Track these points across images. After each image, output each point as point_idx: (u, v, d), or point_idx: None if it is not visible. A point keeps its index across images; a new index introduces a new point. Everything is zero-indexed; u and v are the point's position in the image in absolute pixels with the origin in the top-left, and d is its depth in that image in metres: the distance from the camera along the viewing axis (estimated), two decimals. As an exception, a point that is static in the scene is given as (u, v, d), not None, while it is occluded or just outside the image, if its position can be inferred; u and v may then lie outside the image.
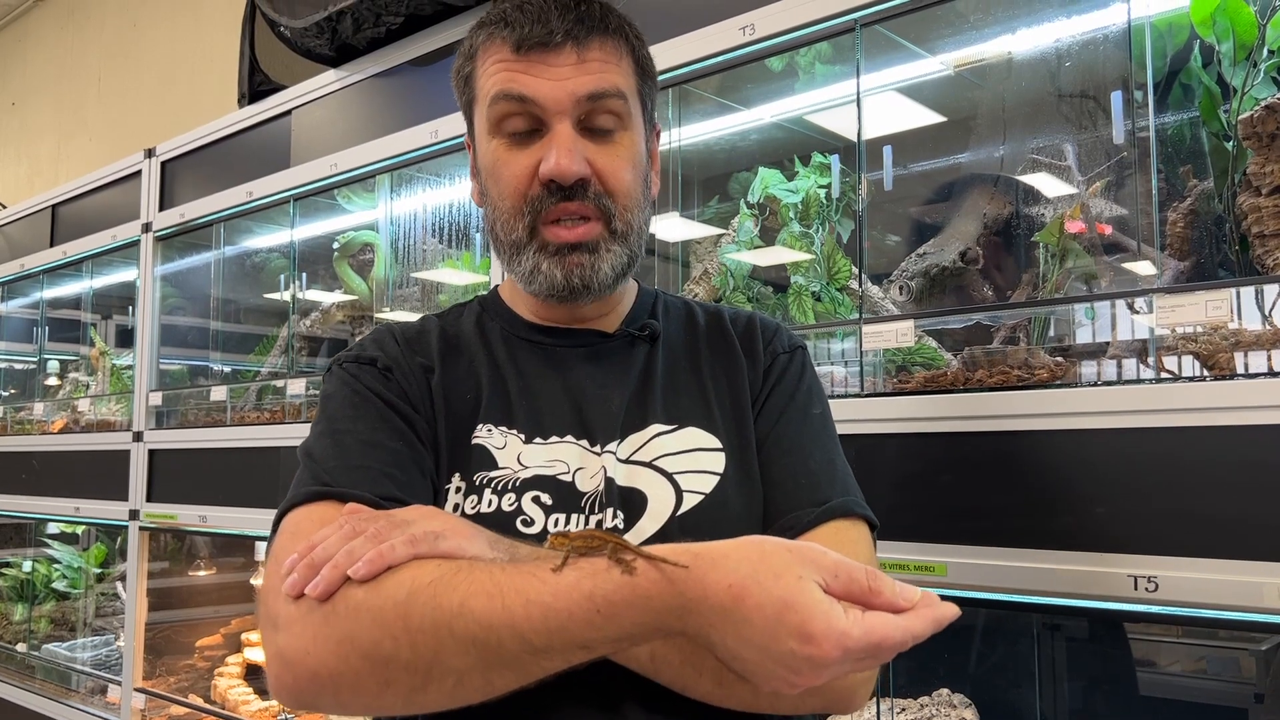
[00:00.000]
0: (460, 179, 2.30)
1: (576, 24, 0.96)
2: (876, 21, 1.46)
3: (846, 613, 0.66)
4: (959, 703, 1.58)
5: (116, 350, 3.39)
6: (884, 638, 0.66)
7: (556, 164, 0.94)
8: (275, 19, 2.31)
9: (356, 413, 0.96)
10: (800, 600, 0.66)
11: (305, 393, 2.37)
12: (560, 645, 0.72)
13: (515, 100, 0.96)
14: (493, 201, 1.01)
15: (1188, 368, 1.23)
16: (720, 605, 0.69)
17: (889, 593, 0.68)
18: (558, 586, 0.72)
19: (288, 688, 0.78)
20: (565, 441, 0.97)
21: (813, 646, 0.65)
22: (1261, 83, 1.24)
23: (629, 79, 1.00)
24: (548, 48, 0.95)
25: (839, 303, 1.66)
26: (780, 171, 1.78)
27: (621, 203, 0.98)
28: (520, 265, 0.99)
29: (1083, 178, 1.44)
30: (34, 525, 3.86)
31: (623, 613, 0.71)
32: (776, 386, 1.04)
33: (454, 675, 0.74)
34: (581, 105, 0.96)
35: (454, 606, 0.73)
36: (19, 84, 5.62)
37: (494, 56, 0.98)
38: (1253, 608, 1.06)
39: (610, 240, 0.98)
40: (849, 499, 0.96)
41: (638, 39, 1.03)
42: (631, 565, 0.71)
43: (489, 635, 0.72)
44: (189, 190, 2.81)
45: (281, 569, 0.80)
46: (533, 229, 0.98)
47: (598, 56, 0.97)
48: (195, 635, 3.00)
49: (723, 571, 0.69)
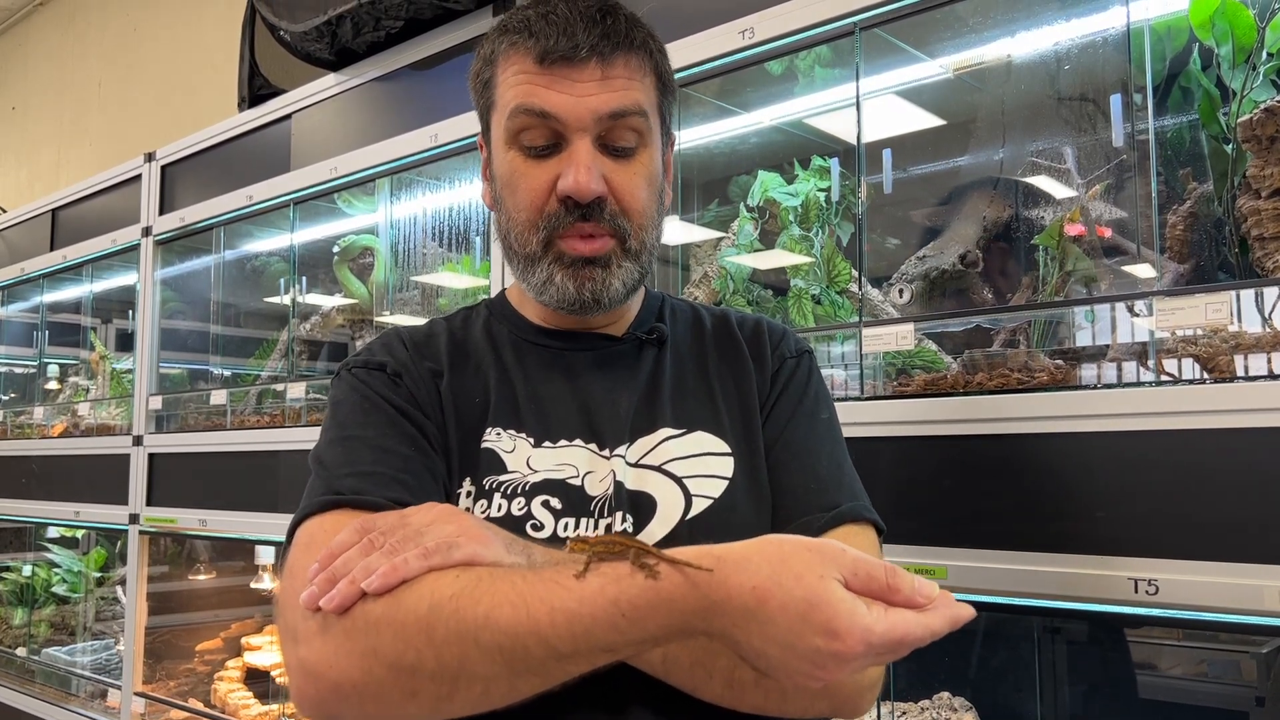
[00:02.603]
0: (460, 183, 2.29)
1: (602, 39, 0.95)
2: (876, 25, 1.46)
3: (869, 609, 0.67)
4: (959, 706, 1.57)
5: (116, 354, 3.39)
6: (905, 633, 0.67)
7: (575, 182, 0.94)
8: (275, 23, 2.31)
9: (367, 419, 0.96)
10: (824, 598, 0.67)
11: (305, 396, 2.36)
12: (586, 650, 0.73)
13: (536, 115, 0.95)
14: (508, 212, 1.01)
15: (1188, 370, 1.23)
16: (745, 606, 0.69)
17: (908, 589, 0.69)
18: (582, 593, 0.72)
19: (311, 699, 0.78)
20: (574, 445, 0.97)
21: (838, 642, 0.66)
22: (1261, 85, 1.24)
23: (650, 94, 1.00)
24: (572, 62, 0.94)
25: (839, 306, 1.66)
26: (780, 175, 1.78)
27: (636, 221, 0.99)
28: (534, 277, 1.00)
29: (1082, 181, 1.44)
30: (34, 529, 3.85)
31: (648, 616, 0.71)
32: (784, 391, 1.04)
33: (481, 683, 0.74)
34: (603, 123, 0.95)
35: (479, 618, 0.73)
36: (19, 88, 5.62)
37: (516, 66, 0.97)
38: (1253, 610, 1.06)
39: (623, 257, 0.99)
40: (857, 504, 0.97)
41: (660, 52, 1.03)
42: (655, 570, 0.72)
43: (515, 644, 0.72)
44: (189, 194, 2.81)
45: (298, 581, 0.80)
46: (548, 243, 0.98)
47: (622, 74, 0.96)
48: (195, 639, 3.00)
49: (746, 573, 0.70)
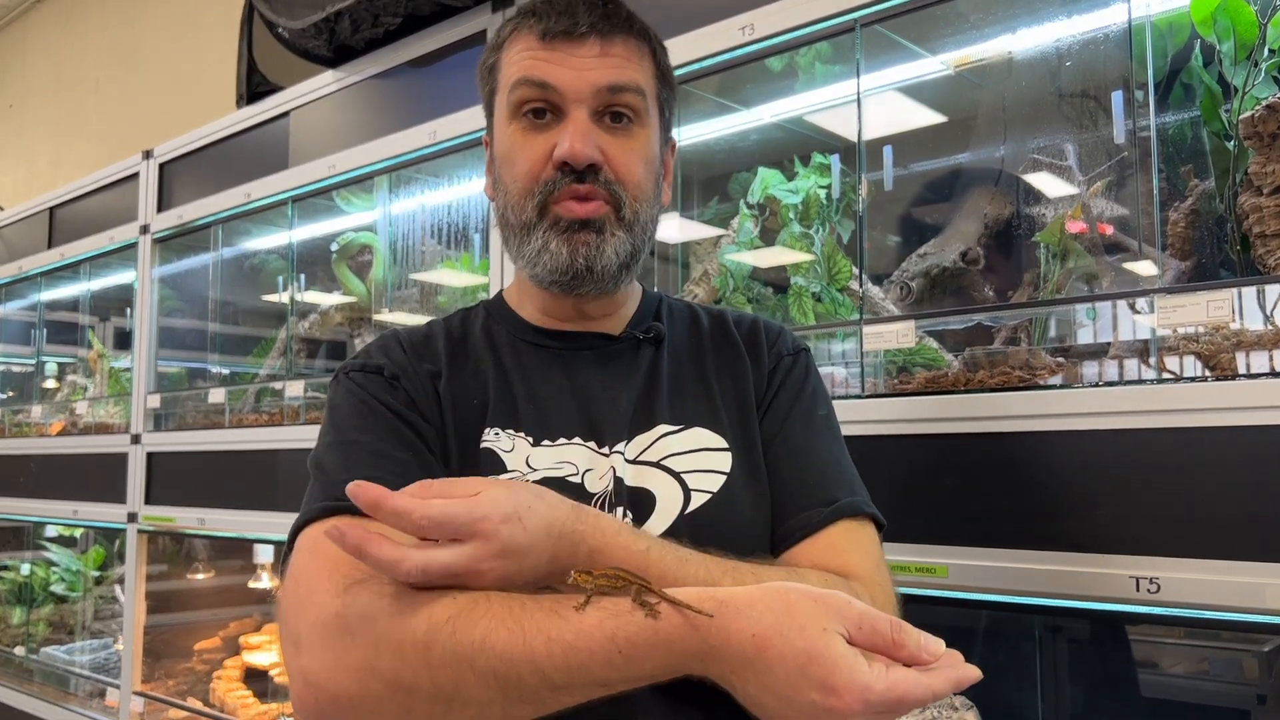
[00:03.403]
0: (459, 180, 2.29)
1: (603, 19, 0.99)
2: (876, 21, 1.46)
3: (870, 665, 0.67)
4: (960, 704, 1.57)
5: (114, 353, 3.38)
6: (905, 694, 0.66)
7: (570, 147, 0.96)
8: (273, 20, 2.31)
9: (364, 423, 0.96)
10: (824, 653, 0.67)
11: (304, 395, 2.36)
12: (580, 683, 0.72)
13: (536, 86, 0.98)
14: (505, 186, 1.02)
15: (1189, 368, 1.22)
16: (743, 654, 0.69)
17: (913, 645, 0.69)
18: (580, 626, 0.72)
19: (310, 708, 0.78)
20: (573, 443, 0.98)
21: (835, 698, 0.66)
22: (1262, 82, 1.23)
23: (649, 79, 1.03)
24: (572, 38, 0.98)
25: (839, 303, 1.66)
26: (780, 172, 1.77)
27: (631, 192, 1.00)
28: (529, 246, 1.00)
29: (1084, 178, 1.44)
30: (32, 528, 3.85)
31: (645, 655, 0.71)
32: (781, 389, 1.05)
33: (475, 706, 0.74)
34: (601, 96, 0.98)
35: (475, 641, 0.72)
36: (17, 86, 5.61)
37: (520, 45, 1.01)
38: (1255, 609, 1.06)
39: (617, 225, 1.00)
40: (856, 499, 0.97)
41: (660, 47, 1.06)
42: (655, 609, 0.71)
43: (510, 670, 0.72)
44: (187, 192, 2.81)
45: (300, 588, 0.80)
46: (543, 208, 0.99)
47: (620, 52, 1.00)
48: (194, 638, 2.99)
49: (747, 620, 0.69)
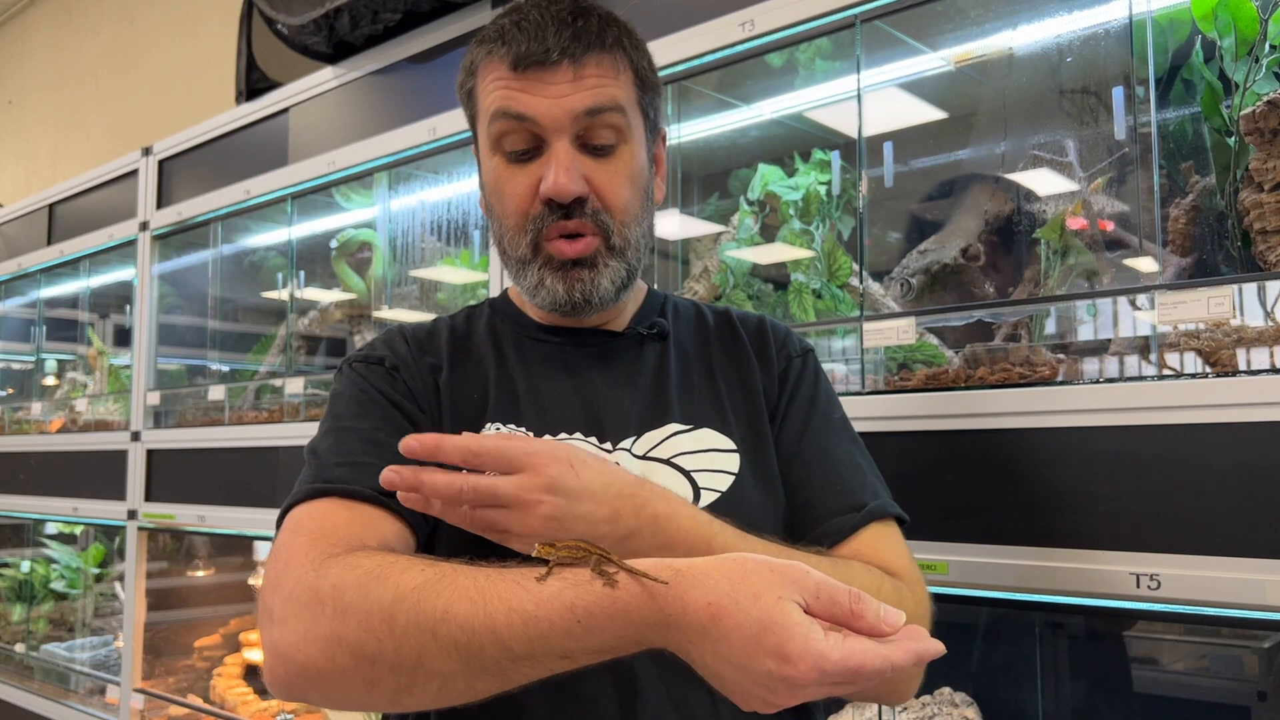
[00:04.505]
0: (458, 176, 2.29)
1: (573, 41, 0.97)
2: (877, 17, 1.45)
3: (827, 635, 0.66)
4: (961, 701, 1.57)
5: (114, 350, 3.38)
6: (861, 664, 0.65)
7: (554, 183, 0.96)
8: (272, 16, 2.30)
9: (361, 410, 0.98)
10: (779, 620, 0.66)
11: (304, 392, 2.36)
12: (541, 654, 0.72)
13: (513, 119, 0.98)
14: (498, 218, 1.03)
15: (1190, 365, 1.22)
16: (699, 623, 0.68)
17: (871, 616, 0.68)
18: (540, 595, 0.71)
19: (280, 680, 0.79)
20: (574, 439, 0.99)
21: (789, 667, 0.65)
22: (1263, 78, 1.23)
23: (628, 91, 1.01)
24: (544, 65, 0.96)
25: (840, 300, 1.66)
26: (780, 168, 1.77)
27: (619, 219, 1.00)
28: (526, 280, 1.02)
29: (1084, 174, 1.44)
30: (32, 525, 3.85)
31: (603, 625, 0.71)
32: (796, 394, 1.06)
33: (439, 678, 0.74)
34: (579, 121, 0.97)
35: (438, 611, 0.73)
36: (16, 82, 5.60)
37: (493, 74, 1.00)
38: (1256, 605, 1.06)
39: (608, 255, 1.00)
40: (882, 501, 0.99)
41: (636, 49, 1.04)
42: (613, 578, 0.71)
43: (471, 640, 0.72)
44: (186, 188, 2.80)
45: (282, 565, 0.81)
46: (536, 245, 1.00)
47: (594, 72, 0.98)
48: (194, 635, 2.99)
49: (703, 589, 0.69)
